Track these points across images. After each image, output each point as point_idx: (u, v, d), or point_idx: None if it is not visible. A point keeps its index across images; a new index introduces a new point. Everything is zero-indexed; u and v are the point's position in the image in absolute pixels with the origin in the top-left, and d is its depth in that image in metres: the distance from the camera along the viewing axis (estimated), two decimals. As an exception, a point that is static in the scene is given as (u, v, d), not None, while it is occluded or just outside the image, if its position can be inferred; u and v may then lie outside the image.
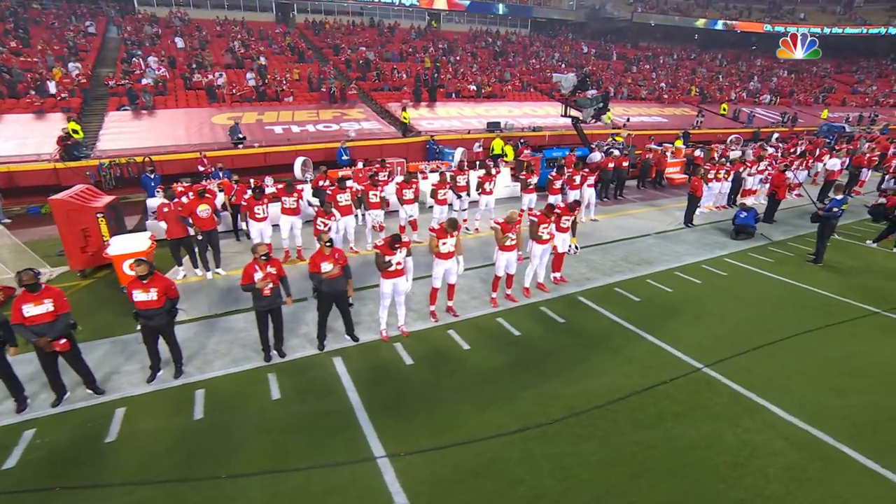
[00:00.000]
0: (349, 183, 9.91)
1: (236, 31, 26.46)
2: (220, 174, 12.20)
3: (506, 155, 16.46)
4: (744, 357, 6.21)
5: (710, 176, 12.76)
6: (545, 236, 7.46)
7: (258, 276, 5.74)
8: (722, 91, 32.25)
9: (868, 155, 15.50)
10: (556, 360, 6.16)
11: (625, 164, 14.15)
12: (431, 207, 10.28)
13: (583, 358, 6.19)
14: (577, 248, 8.35)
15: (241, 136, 15.83)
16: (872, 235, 11.04)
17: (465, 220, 10.98)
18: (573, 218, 7.99)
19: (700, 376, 5.81)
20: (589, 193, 11.64)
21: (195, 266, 8.72)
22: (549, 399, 5.36)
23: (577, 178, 11.25)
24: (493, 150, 16.80)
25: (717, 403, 5.32)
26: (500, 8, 36.49)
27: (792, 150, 18.23)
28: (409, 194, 9.87)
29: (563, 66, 31.17)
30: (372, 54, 26.23)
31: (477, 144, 16.49)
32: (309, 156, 15.68)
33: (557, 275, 8.47)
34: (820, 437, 4.84)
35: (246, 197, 8.66)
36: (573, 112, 16.97)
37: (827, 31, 38.92)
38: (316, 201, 10.06)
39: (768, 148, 18.36)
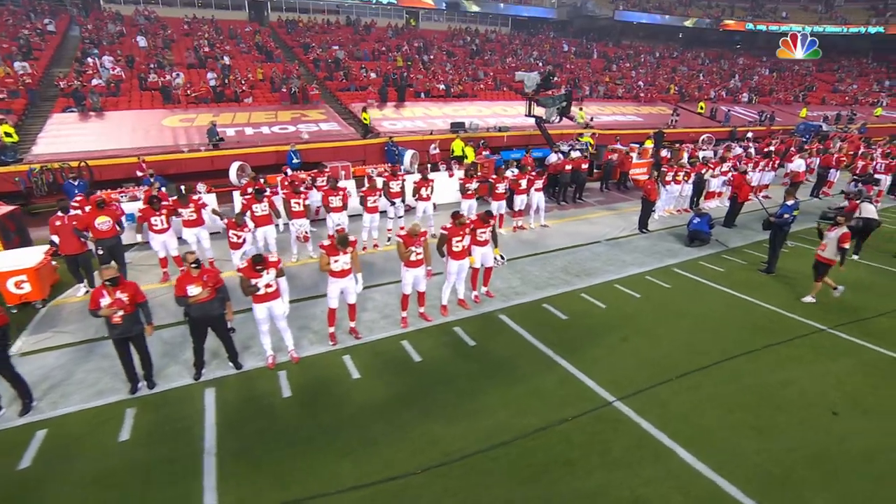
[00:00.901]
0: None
1: (204, 30, 25.57)
2: (152, 180, 11.41)
3: (466, 157, 15.70)
4: (664, 388, 5.49)
5: (667, 178, 12.06)
6: (457, 249, 6.72)
7: (104, 301, 4.99)
8: (701, 89, 31.54)
9: (836, 155, 14.81)
10: (451, 391, 5.44)
11: (584, 165, 13.40)
12: (361, 216, 9.52)
13: (480, 389, 5.46)
14: (503, 259, 7.60)
15: (219, 137, 15.15)
16: (833, 241, 10.36)
17: (388, 230, 10.24)
18: (490, 229, 7.21)
19: (608, 412, 5.09)
20: (537, 198, 10.90)
21: (91, 285, 7.94)
22: (425, 443, 4.63)
23: (524, 182, 10.52)
24: (452, 151, 16.04)
25: (619, 447, 4.60)
26: (472, 6, 35.64)
27: (764, 149, 17.56)
28: (336, 202, 9.10)
29: (541, 64, 30.38)
30: (342, 53, 25.39)
31: (433, 146, 15.71)
32: (259, 159, 14.91)
33: (485, 289, 7.75)
34: (726, 491, 4.13)
35: (140, 208, 7.88)
36: (537, 111, 16.24)
37: (808, 29, 38.24)
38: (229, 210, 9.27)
39: (736, 148, 17.72)
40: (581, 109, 22.03)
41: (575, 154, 14.30)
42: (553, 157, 13.42)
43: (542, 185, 10.93)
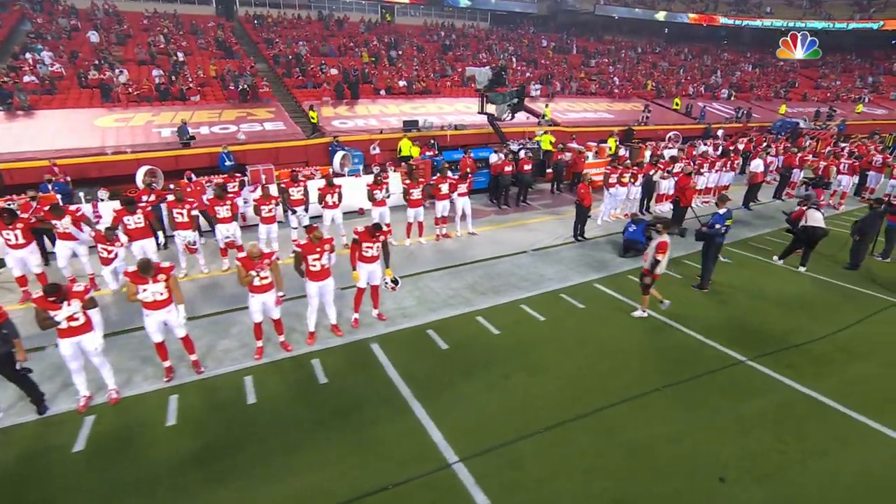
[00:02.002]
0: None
1: (163, 25, 24.45)
2: (49, 187, 10.40)
3: (413, 157, 14.69)
4: (527, 443, 4.53)
5: (611, 180, 11.07)
6: (315, 269, 5.75)
7: None
8: (680, 85, 30.43)
9: (800, 154, 13.80)
10: (273, 443, 4.51)
11: (526, 167, 12.39)
12: (257, 226, 8.54)
13: (309, 441, 4.52)
14: (394, 283, 6.48)
15: (189, 136, 14.34)
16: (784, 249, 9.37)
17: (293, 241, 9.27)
18: (379, 245, 6.28)
19: (441, 478, 4.13)
20: (462, 203, 9.92)
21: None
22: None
23: (445, 187, 9.53)
24: (400, 151, 15.03)
25: (437, 530, 3.67)
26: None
27: (729, 147, 16.55)
28: (223, 212, 8.13)
29: (515, 60, 29.26)
30: (305, 49, 24.30)
31: (373, 146, 14.68)
32: (191, 161, 13.89)
33: (376, 312, 6.79)
34: None
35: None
36: (489, 108, 15.23)
37: (791, 24, 37.02)
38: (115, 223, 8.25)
39: (701, 146, 16.71)
40: (547, 106, 20.99)
41: (525, 153, 13.33)
42: (494, 158, 12.42)
43: (468, 189, 9.92)
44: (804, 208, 8.74)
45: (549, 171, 14.54)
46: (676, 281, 8.32)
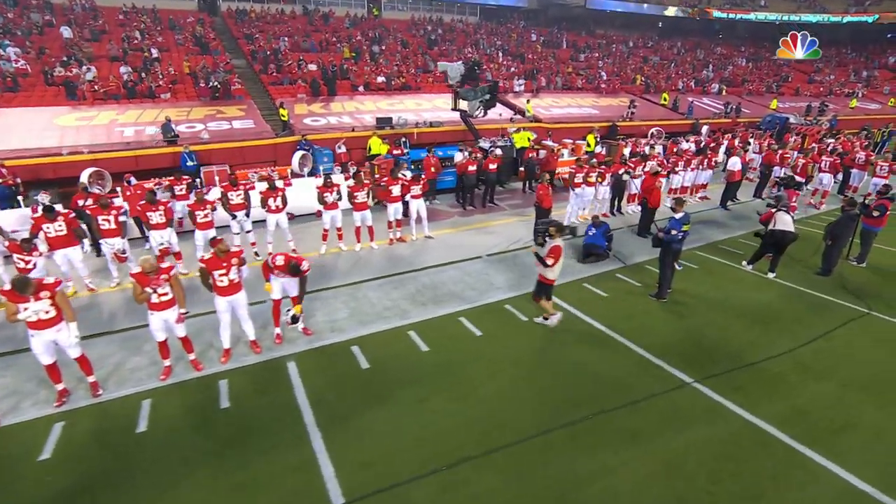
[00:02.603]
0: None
1: (140, 20, 23.87)
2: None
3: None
4: (428, 482, 4.06)
5: (576, 180, 10.55)
6: (222, 284, 5.28)
7: None
8: (670, 80, 29.75)
9: (781, 152, 13.24)
10: (145, 480, 4.06)
11: (491, 166, 11.86)
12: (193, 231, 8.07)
13: (188, 478, 4.07)
14: (296, 318, 5.67)
15: (174, 133, 13.91)
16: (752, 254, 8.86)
17: (252, 244, 8.82)
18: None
19: (319, 527, 3.69)
20: (416, 206, 9.42)
21: None
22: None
23: (396, 189, 9.04)
24: (370, 149, 14.49)
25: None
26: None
27: (710, 144, 16.00)
28: (155, 217, 7.65)
29: (501, 55, 28.60)
30: (285, 44, 23.72)
31: (339, 144, 14.15)
32: (153, 161, 13.43)
33: (301, 326, 6.31)
34: None
35: None
36: (462, 105, 14.70)
37: (786, 18, 36.21)
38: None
39: (683, 143, 16.16)
40: (528, 102, 20.43)
41: (498, 152, 12.82)
42: (459, 156, 11.91)
43: (422, 190, 9.42)
44: (773, 210, 8.23)
45: (522, 169, 14.03)
46: (633, 290, 7.83)
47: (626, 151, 15.15)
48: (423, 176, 9.56)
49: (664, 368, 5.75)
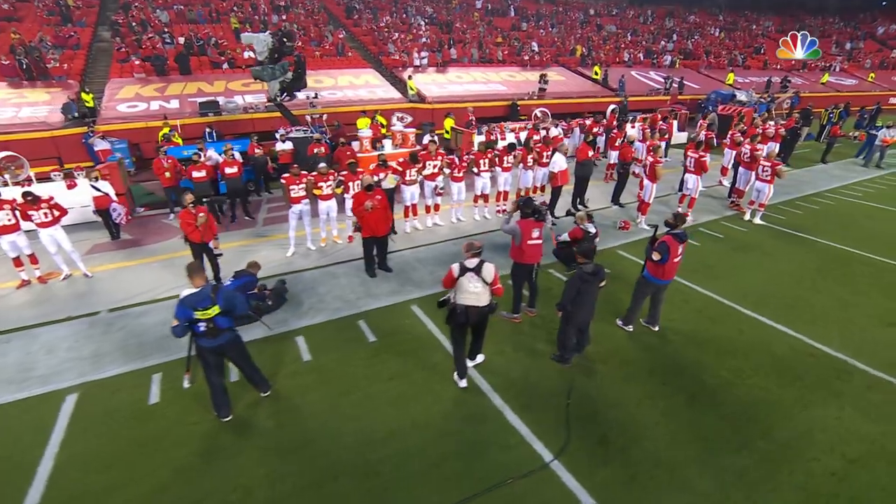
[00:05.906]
0: None
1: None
2: None
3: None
4: None
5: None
6: None
7: None
8: (619, 50, 25.97)
9: (648, 143, 10.08)
10: None
11: (229, 169, 8.67)
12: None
13: None
14: None
15: (75, 114, 12.63)
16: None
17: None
18: None
19: None
20: (52, 234, 6.72)
21: None
22: None
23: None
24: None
25: None
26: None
27: (593, 129, 12.87)
28: None
29: (424, 24, 24.98)
30: (164, 15, 20.72)
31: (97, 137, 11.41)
32: None
33: None
34: None
35: None
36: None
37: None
38: None
39: (553, 129, 13.04)
40: (410, 78, 17.31)
41: (287, 145, 10.01)
42: (214, 157, 9.09)
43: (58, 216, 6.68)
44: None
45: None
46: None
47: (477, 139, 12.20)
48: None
49: (523, 438, 3.12)
